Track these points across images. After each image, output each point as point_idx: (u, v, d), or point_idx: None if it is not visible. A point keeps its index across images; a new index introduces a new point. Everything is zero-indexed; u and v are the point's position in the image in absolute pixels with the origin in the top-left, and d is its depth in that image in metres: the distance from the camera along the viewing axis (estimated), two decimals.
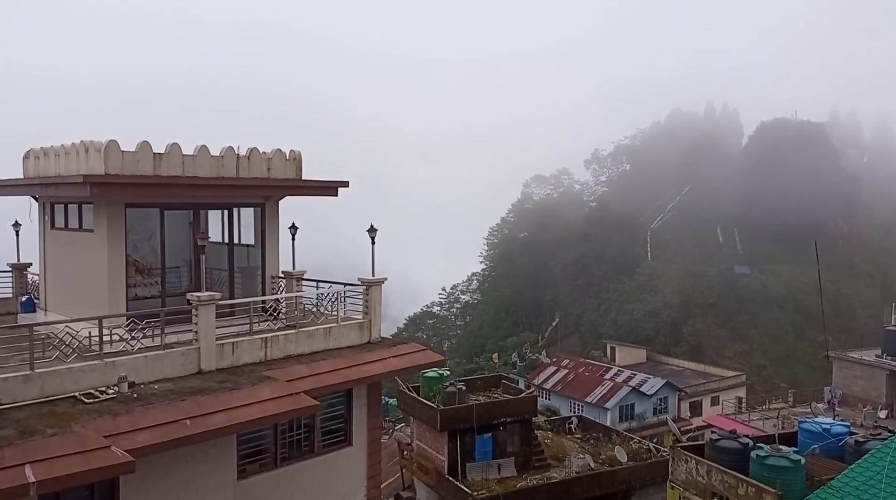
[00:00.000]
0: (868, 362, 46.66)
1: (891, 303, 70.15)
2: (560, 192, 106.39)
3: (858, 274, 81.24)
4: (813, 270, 58.33)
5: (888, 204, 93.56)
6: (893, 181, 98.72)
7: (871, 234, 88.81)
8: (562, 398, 55.52)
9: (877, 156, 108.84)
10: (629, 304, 77.74)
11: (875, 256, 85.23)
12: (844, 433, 19.11)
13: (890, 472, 15.80)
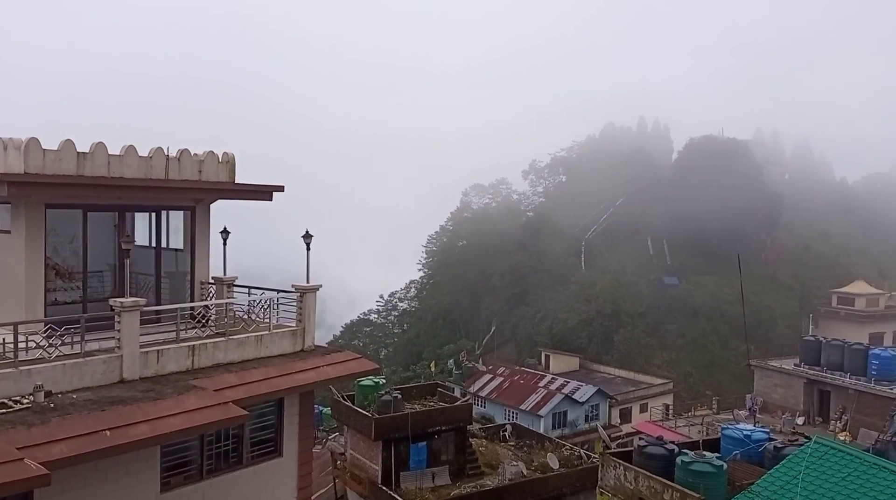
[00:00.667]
0: (787, 371, 48.84)
1: (808, 314, 74.13)
2: (498, 201, 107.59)
3: (779, 286, 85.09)
4: (737, 281, 60.88)
5: (807, 219, 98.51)
6: (812, 198, 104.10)
7: (792, 248, 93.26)
8: (497, 406, 55.93)
9: (797, 174, 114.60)
10: (564, 313, 79.12)
11: (794, 269, 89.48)
12: (764, 439, 19.98)
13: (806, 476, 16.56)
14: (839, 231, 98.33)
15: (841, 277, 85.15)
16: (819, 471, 16.55)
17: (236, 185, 14.29)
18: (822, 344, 47.65)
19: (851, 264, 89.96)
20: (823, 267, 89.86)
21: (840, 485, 15.93)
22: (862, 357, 44.66)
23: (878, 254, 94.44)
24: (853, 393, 43.96)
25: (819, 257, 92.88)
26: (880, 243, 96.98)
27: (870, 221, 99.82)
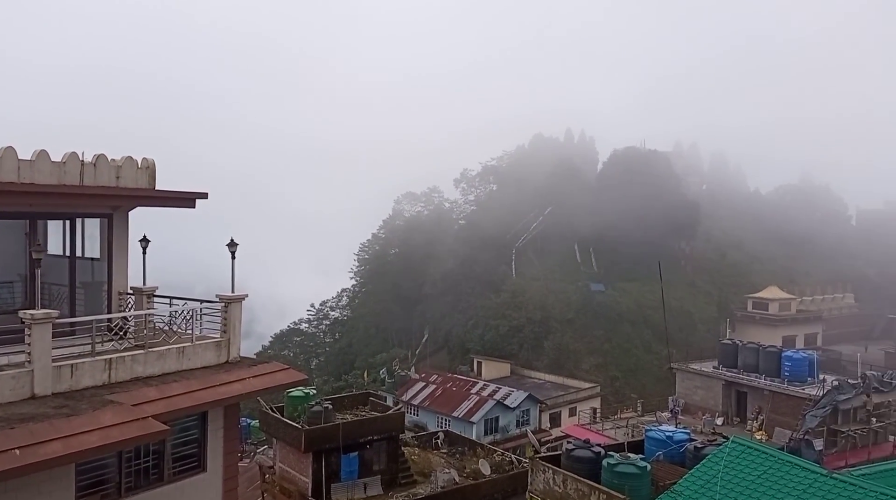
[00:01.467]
0: (706, 374, 50.84)
1: (726, 319, 77.49)
2: (430, 209, 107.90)
3: (698, 292, 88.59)
4: (659, 287, 63.12)
5: (723, 228, 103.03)
6: (728, 207, 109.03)
7: (709, 255, 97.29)
8: (430, 414, 55.90)
9: (714, 184, 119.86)
10: (495, 319, 79.97)
11: (712, 275, 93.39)
12: (685, 439, 20.72)
13: (724, 475, 17.25)
14: (753, 239, 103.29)
15: (755, 283, 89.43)
16: (737, 469, 17.27)
17: (156, 191, 13.79)
18: (739, 347, 49.87)
19: (765, 270, 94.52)
20: (739, 273, 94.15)
21: (756, 482, 16.66)
22: (775, 359, 46.98)
23: (788, 261, 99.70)
24: (768, 394, 46.16)
25: (735, 264, 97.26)
26: (791, 251, 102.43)
27: (781, 230, 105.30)
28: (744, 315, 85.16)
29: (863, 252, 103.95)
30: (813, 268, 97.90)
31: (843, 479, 16.10)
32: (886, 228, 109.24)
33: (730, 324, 74.06)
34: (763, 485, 16.47)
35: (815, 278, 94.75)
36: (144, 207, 13.77)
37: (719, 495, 16.53)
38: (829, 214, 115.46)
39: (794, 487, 16.08)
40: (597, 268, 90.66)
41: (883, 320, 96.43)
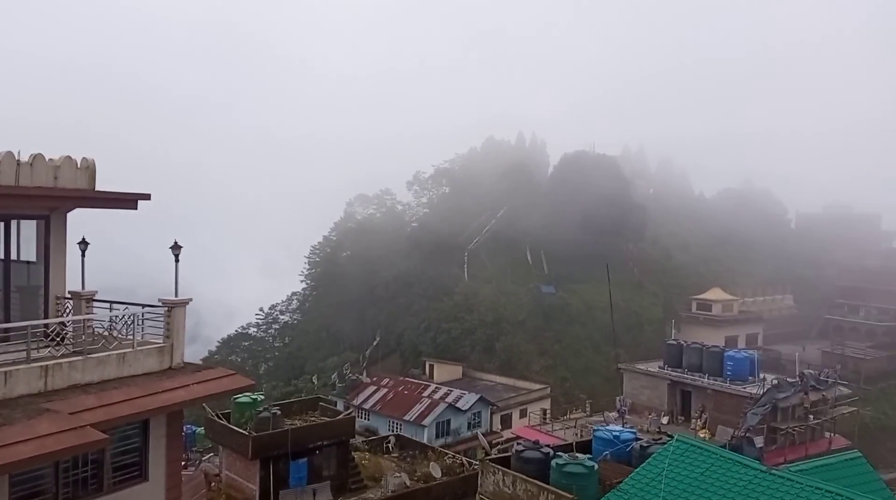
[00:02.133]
0: (652, 373, 52.00)
1: (671, 319, 79.42)
2: (383, 211, 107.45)
3: (645, 293, 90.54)
4: (608, 289, 64.29)
5: (669, 231, 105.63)
6: (673, 210, 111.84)
7: (656, 257, 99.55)
8: (381, 418, 55.59)
9: (661, 188, 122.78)
10: (447, 322, 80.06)
11: (659, 277, 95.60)
12: (631, 439, 21.15)
13: (669, 473, 17.64)
14: (698, 242, 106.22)
15: (700, 284, 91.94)
16: (681, 467, 17.69)
17: (96, 193, 13.35)
18: (684, 347, 51.18)
19: (709, 272, 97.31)
20: (684, 275, 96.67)
21: (699, 480, 17.09)
22: (718, 359, 48.36)
23: (731, 263, 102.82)
24: (711, 393, 47.49)
25: (680, 266, 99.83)
26: (733, 253, 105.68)
27: (724, 233, 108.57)
28: (688, 316, 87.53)
29: (801, 255, 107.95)
30: (754, 270, 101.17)
31: (781, 475, 16.67)
32: (823, 231, 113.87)
33: (675, 325, 75.91)
34: (706, 482, 16.92)
35: (757, 280, 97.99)
36: (83, 208, 13.32)
37: (664, 492, 16.91)
38: (769, 217, 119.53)
39: (735, 483, 16.57)
40: (548, 270, 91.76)
41: (820, 320, 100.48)
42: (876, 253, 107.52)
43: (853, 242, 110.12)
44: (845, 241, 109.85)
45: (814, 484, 15.83)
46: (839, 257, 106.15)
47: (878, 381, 78.53)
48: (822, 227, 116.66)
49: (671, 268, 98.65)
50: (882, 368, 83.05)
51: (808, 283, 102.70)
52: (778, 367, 66.22)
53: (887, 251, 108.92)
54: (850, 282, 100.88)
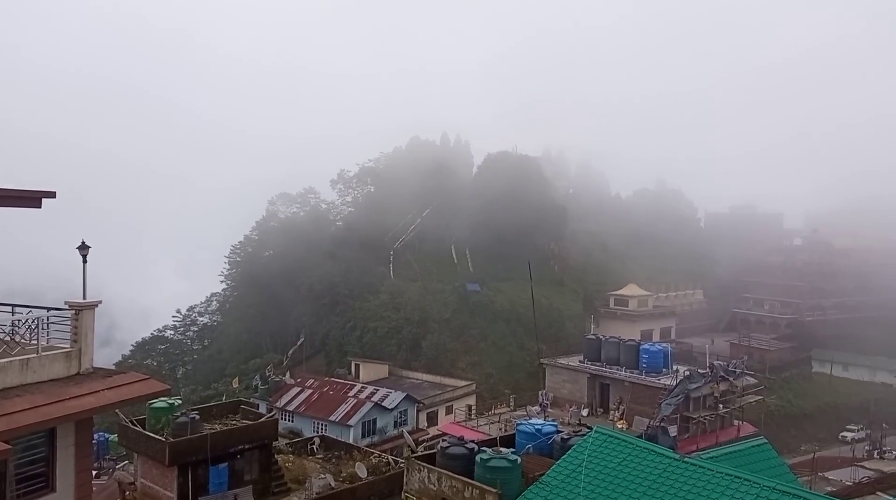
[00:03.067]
0: (573, 367, 53.42)
1: (590, 315, 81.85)
2: (306, 210, 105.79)
3: (566, 290, 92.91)
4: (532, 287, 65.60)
5: (588, 230, 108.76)
6: (591, 210, 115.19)
7: (576, 255, 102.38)
8: (305, 419, 54.79)
9: (579, 188, 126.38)
10: (373, 321, 79.75)
11: (578, 274, 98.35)
12: (553, 431, 21.61)
13: (588, 463, 18.14)
14: (615, 240, 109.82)
15: (617, 281, 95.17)
16: (599, 458, 18.23)
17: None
18: (602, 342, 52.84)
19: (625, 269, 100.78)
20: (603, 272, 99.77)
21: (617, 469, 17.66)
22: (634, 352, 50.19)
23: (646, 260, 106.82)
24: (628, 385, 49.24)
25: (599, 264, 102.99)
26: (648, 251, 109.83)
27: (639, 231, 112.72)
28: (607, 311, 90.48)
29: (710, 252, 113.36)
30: (667, 266, 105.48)
31: (693, 462, 17.46)
32: (730, 229, 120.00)
33: (594, 320, 78.27)
34: (623, 471, 17.51)
35: (670, 276, 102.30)
36: None
37: (583, 483, 17.39)
38: (680, 216, 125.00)
39: (651, 472, 17.22)
40: (473, 268, 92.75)
41: (728, 314, 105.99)
42: (778, 250, 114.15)
43: (758, 239, 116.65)
44: (750, 239, 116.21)
45: (723, 471, 16.65)
46: (745, 254, 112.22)
47: (782, 370, 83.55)
48: (729, 226, 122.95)
49: (590, 265, 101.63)
50: (785, 358, 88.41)
51: (716, 278, 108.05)
52: (690, 359, 69.43)
53: (789, 249, 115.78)
54: (755, 277, 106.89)
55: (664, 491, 16.32)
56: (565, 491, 17.26)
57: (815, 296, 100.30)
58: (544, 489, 17.64)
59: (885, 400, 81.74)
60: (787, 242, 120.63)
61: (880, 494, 38.23)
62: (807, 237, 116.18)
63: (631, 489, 16.66)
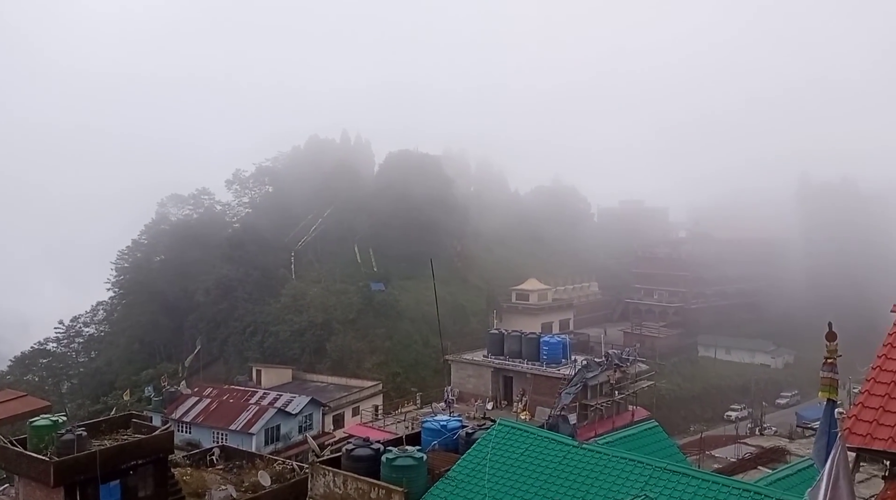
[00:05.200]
0: (477, 362, 54.30)
1: (493, 310, 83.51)
2: (200, 212, 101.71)
3: (470, 287, 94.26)
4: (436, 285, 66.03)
5: (490, 227, 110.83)
6: (493, 208, 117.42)
7: (479, 252, 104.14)
8: (204, 430, 52.74)
9: (480, 186, 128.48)
10: (275, 325, 77.87)
11: (481, 271, 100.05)
12: (458, 427, 21.88)
13: (493, 456, 18.51)
14: (515, 236, 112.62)
15: (518, 276, 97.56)
16: (503, 450, 18.64)
17: None
18: (505, 336, 54.04)
19: (526, 264, 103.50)
20: (505, 268, 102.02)
21: (520, 460, 18.12)
22: (535, 345, 51.64)
23: (545, 255, 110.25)
24: (530, 377, 50.62)
25: (501, 260, 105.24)
26: (546, 246, 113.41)
27: (538, 227, 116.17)
28: (509, 306, 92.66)
29: (604, 245, 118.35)
30: (565, 260, 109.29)
31: (590, 448, 18.18)
32: (621, 223, 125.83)
33: (497, 315, 79.95)
34: (525, 462, 18.00)
35: (567, 270, 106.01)
36: None
37: (488, 475, 17.74)
38: (575, 212, 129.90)
39: (552, 460, 17.79)
40: (377, 268, 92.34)
41: (621, 304, 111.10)
42: (665, 242, 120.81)
43: (646, 233, 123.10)
44: (640, 232, 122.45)
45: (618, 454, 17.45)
46: (635, 247, 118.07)
47: (671, 356, 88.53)
48: (619, 220, 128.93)
49: (492, 262, 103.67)
50: (673, 344, 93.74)
51: (610, 271, 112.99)
52: (587, 349, 72.24)
53: (674, 241, 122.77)
54: (645, 269, 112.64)
55: (564, 478, 16.92)
56: (470, 485, 17.54)
57: (699, 285, 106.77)
58: (450, 484, 17.85)
59: (764, 380, 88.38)
60: (672, 234, 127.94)
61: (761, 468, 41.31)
62: (690, 229, 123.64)
63: (533, 479, 17.16)
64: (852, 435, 9.21)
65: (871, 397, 9.71)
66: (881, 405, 9.52)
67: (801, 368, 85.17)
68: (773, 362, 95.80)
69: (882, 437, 9.09)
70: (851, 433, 9.23)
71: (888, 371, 9.95)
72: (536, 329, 69.02)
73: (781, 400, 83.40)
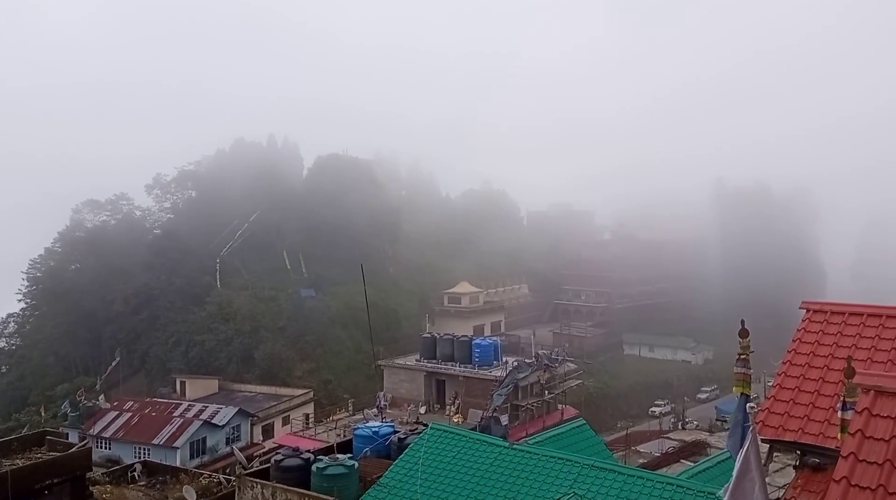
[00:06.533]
0: (410, 367, 54.14)
1: (426, 314, 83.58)
2: (118, 218, 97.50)
3: (402, 291, 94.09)
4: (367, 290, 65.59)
5: (421, 231, 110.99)
6: (424, 211, 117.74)
7: (410, 256, 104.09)
8: (125, 445, 50.52)
9: (411, 190, 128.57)
10: (200, 334, 75.54)
11: (414, 275, 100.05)
12: (390, 432, 21.77)
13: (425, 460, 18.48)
14: (447, 240, 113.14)
15: (450, 279, 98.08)
16: (435, 454, 18.65)
17: None
18: (437, 339, 54.10)
19: (457, 267, 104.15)
20: (437, 272, 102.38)
21: (452, 463, 18.17)
22: (467, 347, 51.91)
23: (476, 258, 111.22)
24: (462, 379, 50.83)
25: (433, 264, 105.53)
26: (478, 249, 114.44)
27: (469, 230, 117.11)
28: (441, 309, 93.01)
29: (533, 248, 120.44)
30: (496, 263, 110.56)
31: (520, 448, 18.41)
32: (550, 226, 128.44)
33: (430, 318, 80.00)
34: (457, 465, 18.05)
35: (498, 273, 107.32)
36: None
37: (420, 480, 17.70)
38: (506, 215, 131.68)
39: (483, 462, 17.92)
40: (307, 273, 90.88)
41: (550, 305, 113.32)
42: (592, 244, 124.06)
43: (574, 235, 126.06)
44: (568, 235, 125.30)
45: (547, 453, 17.74)
46: (563, 249, 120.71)
47: (598, 355, 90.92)
48: (548, 223, 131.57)
49: (424, 265, 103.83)
50: (601, 343, 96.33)
51: (539, 273, 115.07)
52: (518, 350, 73.31)
53: (601, 243, 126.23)
54: (573, 270, 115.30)
55: (495, 479, 17.07)
56: (402, 491, 17.46)
57: (624, 285, 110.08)
58: (382, 490, 17.71)
59: (686, 375, 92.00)
60: (598, 236, 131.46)
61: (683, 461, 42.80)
62: (615, 231, 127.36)
63: (465, 481, 17.23)
64: (765, 427, 9.67)
65: (783, 390, 10.24)
66: (791, 398, 10.04)
67: (720, 363, 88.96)
68: (693, 359, 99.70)
69: (792, 428, 9.59)
70: (765, 425, 9.70)
71: (797, 366, 10.51)
72: (468, 332, 69.47)
73: (702, 395, 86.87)
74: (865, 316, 10.82)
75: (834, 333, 10.76)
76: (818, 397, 9.82)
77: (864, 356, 10.12)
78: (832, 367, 10.06)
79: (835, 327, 10.85)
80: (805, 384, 10.11)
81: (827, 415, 9.37)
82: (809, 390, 9.99)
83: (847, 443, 6.66)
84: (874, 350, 10.24)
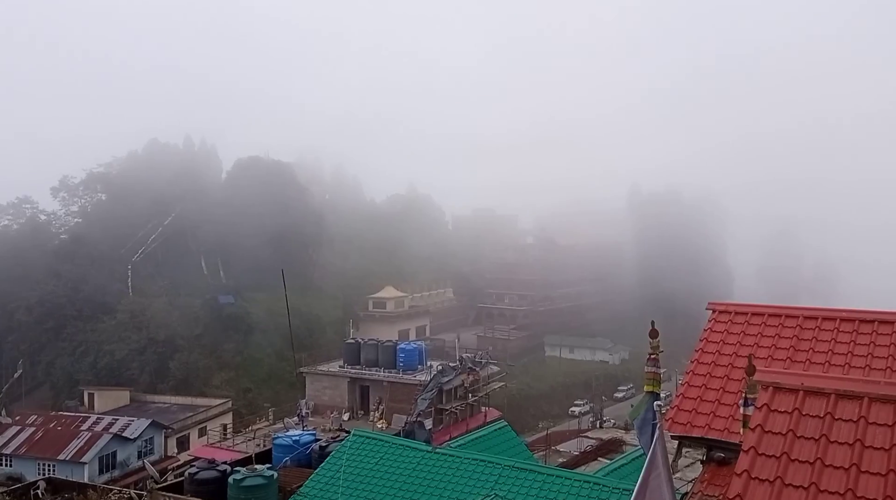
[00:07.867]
0: (333, 373, 53.46)
1: (350, 319, 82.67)
2: (21, 222, 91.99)
3: (325, 297, 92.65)
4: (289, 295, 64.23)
5: (345, 235, 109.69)
6: (348, 215, 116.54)
7: (334, 261, 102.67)
8: (28, 461, 47.48)
9: (335, 194, 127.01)
10: (110, 344, 72.16)
11: (337, 280, 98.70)
12: (311, 441, 21.37)
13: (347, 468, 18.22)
14: (371, 244, 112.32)
15: (375, 284, 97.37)
16: (357, 461, 18.42)
17: None
18: (361, 345, 53.67)
19: (382, 272, 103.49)
20: (361, 276, 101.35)
21: (375, 469, 18.00)
22: (392, 352, 51.74)
23: (401, 262, 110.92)
24: (387, 385, 50.60)
25: (357, 268, 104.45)
26: (403, 253, 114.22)
27: (394, 235, 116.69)
28: (366, 314, 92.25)
29: (458, 252, 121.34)
30: (421, 268, 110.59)
31: (443, 452, 18.45)
32: (475, 231, 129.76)
33: (354, 324, 79.26)
34: (380, 471, 17.89)
35: (423, 277, 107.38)
36: None
37: (342, 488, 17.43)
38: (431, 220, 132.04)
39: (406, 467, 17.84)
40: (226, 279, 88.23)
41: (475, 309, 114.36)
42: (515, 248, 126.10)
43: (497, 239, 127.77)
44: (491, 239, 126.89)
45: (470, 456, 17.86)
46: (487, 253, 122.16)
47: (521, 357, 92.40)
48: (473, 227, 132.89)
49: (348, 270, 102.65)
50: (523, 346, 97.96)
51: (464, 277, 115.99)
52: (442, 354, 73.49)
53: (523, 246, 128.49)
54: (496, 274, 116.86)
55: (419, 484, 17.03)
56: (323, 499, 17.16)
57: (546, 288, 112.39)
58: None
59: (604, 375, 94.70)
60: (521, 240, 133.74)
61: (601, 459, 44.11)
62: (536, 236, 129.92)
63: (388, 487, 17.11)
64: (675, 424, 10.05)
65: (691, 388, 10.67)
66: (699, 395, 10.48)
67: (636, 363, 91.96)
68: (611, 359, 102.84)
69: (700, 424, 10.00)
70: (674, 422, 10.08)
71: (704, 364, 10.98)
72: (394, 336, 69.30)
73: (619, 394, 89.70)
74: (766, 316, 11.40)
75: (738, 332, 11.28)
76: (723, 394, 10.27)
77: (766, 354, 10.66)
78: (736, 365, 10.53)
79: (738, 326, 11.38)
80: (711, 382, 10.56)
81: (732, 411, 9.81)
82: (715, 388, 10.44)
83: (748, 437, 6.97)
84: (774, 348, 10.80)
